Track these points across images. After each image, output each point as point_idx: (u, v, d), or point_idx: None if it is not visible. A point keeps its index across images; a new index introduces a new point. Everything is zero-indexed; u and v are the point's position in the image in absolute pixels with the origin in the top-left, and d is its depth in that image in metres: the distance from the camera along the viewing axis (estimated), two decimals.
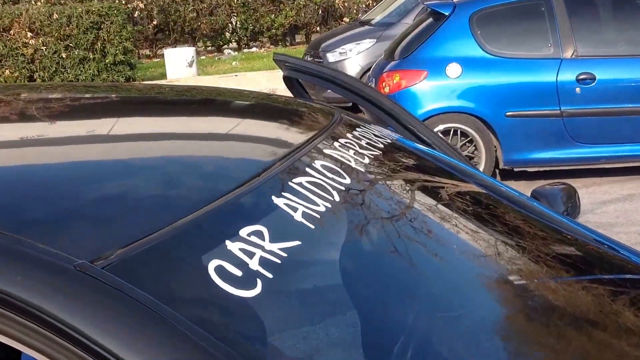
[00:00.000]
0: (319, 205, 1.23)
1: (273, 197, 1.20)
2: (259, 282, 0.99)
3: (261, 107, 1.99)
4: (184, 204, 1.13)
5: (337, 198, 1.29)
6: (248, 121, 1.82)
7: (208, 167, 1.35)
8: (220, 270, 0.98)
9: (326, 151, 1.47)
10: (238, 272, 0.99)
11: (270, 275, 1.01)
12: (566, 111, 5.79)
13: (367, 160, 1.53)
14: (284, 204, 1.19)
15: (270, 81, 11.23)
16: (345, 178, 1.38)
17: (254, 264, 1.01)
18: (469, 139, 5.96)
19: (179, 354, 0.84)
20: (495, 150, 5.95)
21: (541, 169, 5.99)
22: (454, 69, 5.98)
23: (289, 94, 2.69)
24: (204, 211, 1.09)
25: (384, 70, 6.38)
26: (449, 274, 1.35)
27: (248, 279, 0.99)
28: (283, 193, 1.21)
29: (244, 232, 1.07)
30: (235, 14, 17.28)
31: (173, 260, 1.00)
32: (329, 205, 1.25)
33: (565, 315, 1.25)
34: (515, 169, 6.04)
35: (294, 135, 1.65)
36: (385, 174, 1.64)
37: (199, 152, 1.47)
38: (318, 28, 17.33)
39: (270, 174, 1.27)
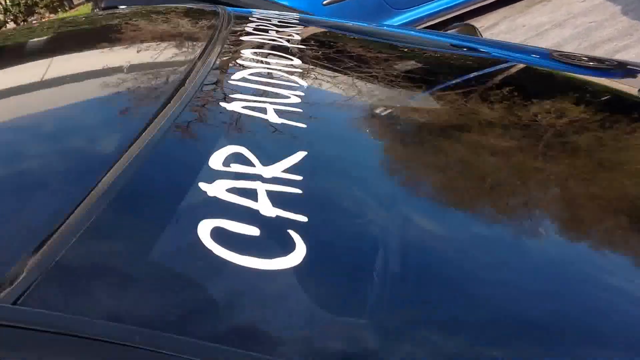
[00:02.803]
0: (289, 97, 0.81)
1: (223, 105, 0.76)
2: (292, 234, 0.57)
3: (142, 20, 1.47)
4: (107, 151, 0.67)
5: (303, 83, 0.87)
6: (138, 46, 1.30)
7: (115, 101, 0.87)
8: (221, 236, 0.55)
9: (247, 38, 1.04)
10: (253, 230, 0.56)
11: (303, 218, 0.59)
12: None
13: (297, 37, 1.11)
14: (242, 107, 0.76)
15: None
16: (291, 60, 0.96)
17: (266, 208, 0.59)
18: None
19: None
20: None
21: None
22: None
23: None
24: (134, 153, 0.65)
25: None
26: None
27: (274, 236, 0.57)
28: (232, 95, 0.78)
29: (215, 162, 0.63)
30: None
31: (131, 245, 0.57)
32: (302, 93, 0.83)
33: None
34: None
35: (199, 36, 1.18)
36: (324, 45, 1.23)
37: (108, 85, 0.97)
38: None
39: (201, 73, 0.82)
